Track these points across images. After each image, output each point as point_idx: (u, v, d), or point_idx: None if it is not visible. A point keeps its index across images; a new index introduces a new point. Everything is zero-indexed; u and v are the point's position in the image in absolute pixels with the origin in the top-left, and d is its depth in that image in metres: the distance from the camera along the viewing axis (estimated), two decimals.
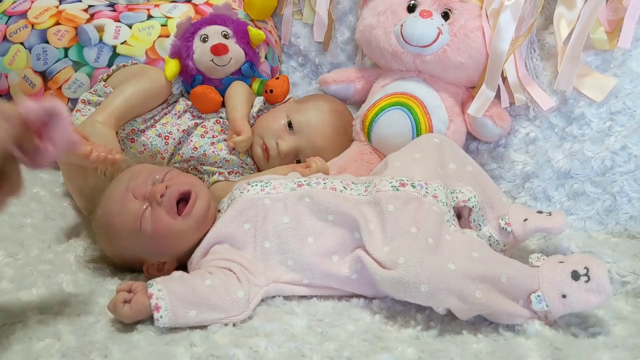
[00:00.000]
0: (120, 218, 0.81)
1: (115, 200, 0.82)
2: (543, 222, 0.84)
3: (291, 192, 0.83)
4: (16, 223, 0.96)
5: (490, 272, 0.71)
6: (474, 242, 0.77)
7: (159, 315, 0.70)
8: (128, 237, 0.81)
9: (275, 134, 1.07)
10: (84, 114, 1.04)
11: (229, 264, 0.77)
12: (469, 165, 0.89)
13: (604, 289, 0.69)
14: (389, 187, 0.81)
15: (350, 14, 1.27)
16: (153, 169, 0.86)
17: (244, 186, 0.85)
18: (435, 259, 0.70)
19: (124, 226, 0.80)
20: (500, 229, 0.85)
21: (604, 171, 0.96)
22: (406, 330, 0.71)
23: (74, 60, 1.14)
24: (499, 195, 0.88)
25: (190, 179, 0.87)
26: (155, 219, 0.79)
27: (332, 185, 0.83)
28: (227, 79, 1.13)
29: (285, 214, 0.81)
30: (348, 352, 0.65)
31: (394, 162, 0.88)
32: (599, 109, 0.99)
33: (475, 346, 0.68)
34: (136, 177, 0.83)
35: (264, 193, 0.83)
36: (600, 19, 0.98)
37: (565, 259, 0.74)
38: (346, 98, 1.20)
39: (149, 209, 0.80)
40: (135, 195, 0.81)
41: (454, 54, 1.03)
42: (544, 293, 0.71)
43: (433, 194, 0.80)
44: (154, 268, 0.83)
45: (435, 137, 0.91)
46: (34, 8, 1.18)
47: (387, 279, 0.71)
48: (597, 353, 0.65)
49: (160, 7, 1.25)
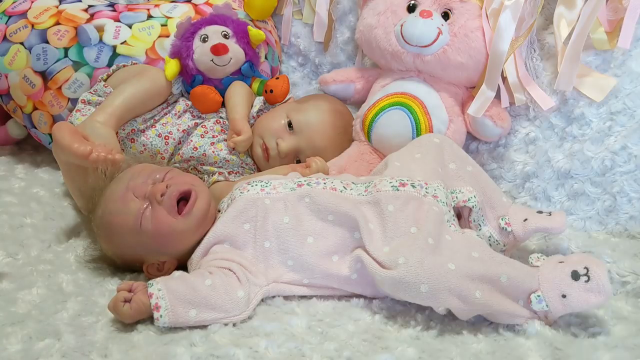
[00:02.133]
0: (121, 217, 0.81)
1: (116, 199, 0.82)
2: (543, 222, 0.84)
3: (291, 192, 0.83)
4: (16, 223, 0.96)
5: (490, 272, 0.71)
6: (474, 242, 0.77)
7: (159, 315, 0.70)
8: (128, 236, 0.81)
9: (275, 134, 1.07)
10: (84, 114, 1.04)
11: (229, 264, 0.77)
12: (469, 165, 0.89)
13: (604, 288, 0.69)
14: (389, 187, 0.81)
15: (350, 14, 1.27)
16: (153, 168, 0.87)
17: (244, 186, 0.85)
18: (435, 259, 0.71)
19: (124, 225, 0.80)
20: (500, 229, 0.85)
21: (604, 171, 0.96)
22: (406, 330, 0.71)
23: (74, 60, 1.13)
24: (499, 196, 0.88)
25: (191, 179, 0.87)
26: (155, 218, 0.80)
27: (332, 185, 0.83)
28: (227, 79, 1.13)
29: (285, 214, 0.81)
30: (348, 352, 0.65)
31: (394, 162, 0.88)
32: (599, 109, 0.99)
33: (475, 346, 0.68)
34: (137, 177, 0.83)
35: (264, 193, 0.83)
36: (600, 19, 0.98)
37: (565, 259, 0.74)
38: (346, 98, 1.20)
39: (149, 208, 0.80)
40: (135, 195, 0.81)
41: (454, 54, 1.03)
42: (544, 293, 0.71)
43: (433, 194, 0.80)
44: (154, 268, 0.83)
45: (436, 137, 0.91)
46: (34, 8, 1.18)
47: (387, 279, 0.71)
48: (597, 353, 0.65)
49: (160, 7, 1.24)
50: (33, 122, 1.19)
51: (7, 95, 1.19)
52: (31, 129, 1.22)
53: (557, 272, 0.72)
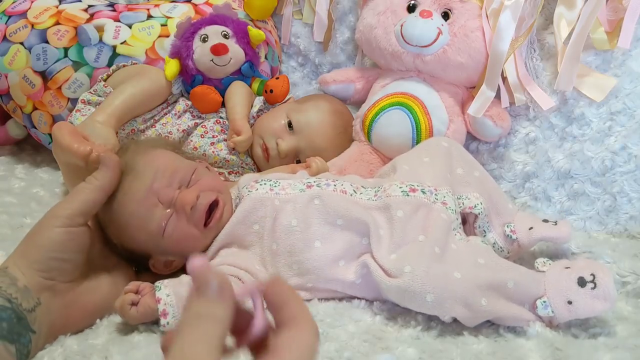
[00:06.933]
0: (141, 221, 0.76)
1: (138, 200, 0.76)
2: (548, 232, 0.82)
3: (300, 193, 0.81)
4: (16, 223, 0.96)
5: (497, 278, 0.70)
6: (479, 249, 0.77)
7: (166, 322, 0.69)
8: (144, 238, 0.77)
9: (275, 134, 1.07)
10: (84, 114, 1.04)
11: (238, 271, 0.75)
12: (476, 170, 0.87)
13: (610, 295, 0.69)
14: (399, 192, 0.79)
15: (350, 14, 1.27)
16: (177, 166, 0.81)
17: (251, 184, 0.83)
18: (441, 268, 0.70)
19: (144, 229, 0.76)
20: (505, 236, 0.84)
21: (604, 171, 0.96)
22: (407, 331, 0.71)
23: (73, 60, 1.13)
24: (505, 202, 0.87)
25: (217, 184, 0.83)
26: (180, 229, 0.76)
27: (342, 187, 0.82)
28: (227, 79, 1.13)
29: (294, 216, 0.78)
30: (349, 352, 0.65)
31: (403, 166, 0.86)
32: (599, 109, 0.99)
33: (475, 347, 0.68)
34: (161, 177, 0.78)
35: (273, 193, 0.81)
36: (600, 19, 0.98)
37: (571, 265, 0.74)
38: (346, 98, 1.20)
39: (173, 215, 0.77)
40: (160, 200, 0.76)
41: (454, 54, 1.03)
42: (549, 299, 0.70)
43: (442, 201, 0.79)
44: (161, 264, 0.80)
45: (444, 141, 0.90)
46: (34, 8, 1.18)
47: (393, 288, 0.71)
48: (597, 354, 0.65)
49: (160, 7, 1.24)
50: (33, 122, 1.19)
51: (7, 95, 1.19)
52: (31, 129, 1.22)
53: (563, 278, 0.71)
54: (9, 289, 0.62)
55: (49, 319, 0.65)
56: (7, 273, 0.64)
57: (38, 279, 0.65)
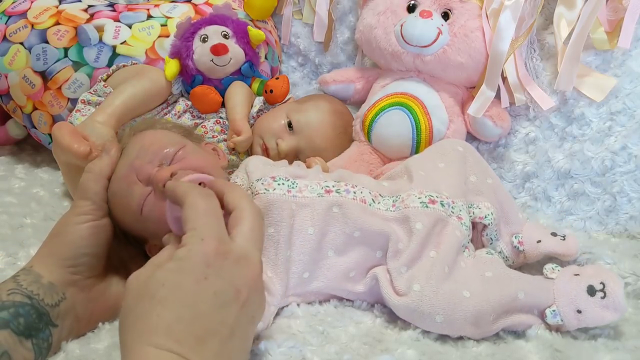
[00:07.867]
0: (123, 200, 0.73)
1: (120, 177, 0.74)
2: (556, 248, 0.82)
3: (318, 197, 0.77)
4: (16, 223, 0.96)
5: (507, 293, 0.70)
6: (485, 262, 0.76)
7: None
8: (130, 219, 0.74)
9: (275, 134, 1.07)
10: (84, 114, 1.04)
11: None
12: (489, 177, 0.86)
13: (619, 306, 0.68)
14: (417, 203, 0.77)
15: (350, 14, 1.27)
16: (165, 142, 0.77)
17: (268, 181, 0.78)
18: (450, 287, 0.69)
19: (127, 208, 0.73)
20: (512, 247, 0.84)
21: (604, 171, 0.96)
22: (406, 332, 0.71)
23: (73, 60, 1.13)
24: (515, 211, 0.86)
25: (203, 164, 0.77)
26: (158, 207, 0.71)
27: (362, 196, 0.78)
28: (227, 79, 1.13)
29: (311, 224, 0.75)
30: (348, 355, 0.65)
31: (418, 171, 0.84)
32: (599, 109, 0.99)
33: (475, 349, 0.68)
34: (143, 154, 0.75)
35: (291, 195, 0.76)
36: (600, 19, 0.98)
37: (580, 271, 0.73)
38: (346, 98, 1.20)
39: (151, 194, 0.72)
40: (139, 177, 0.73)
41: (454, 54, 1.03)
42: (559, 308, 0.70)
43: (458, 215, 0.78)
44: (157, 249, 0.77)
45: (459, 145, 0.88)
46: (34, 8, 1.18)
47: (401, 307, 0.70)
48: (597, 355, 0.65)
49: (160, 7, 1.24)
50: (33, 122, 1.19)
51: (7, 95, 1.18)
52: (31, 129, 1.22)
53: (572, 286, 0.71)
54: (31, 286, 0.64)
55: (74, 313, 0.67)
56: (31, 271, 0.66)
57: (65, 275, 0.67)
